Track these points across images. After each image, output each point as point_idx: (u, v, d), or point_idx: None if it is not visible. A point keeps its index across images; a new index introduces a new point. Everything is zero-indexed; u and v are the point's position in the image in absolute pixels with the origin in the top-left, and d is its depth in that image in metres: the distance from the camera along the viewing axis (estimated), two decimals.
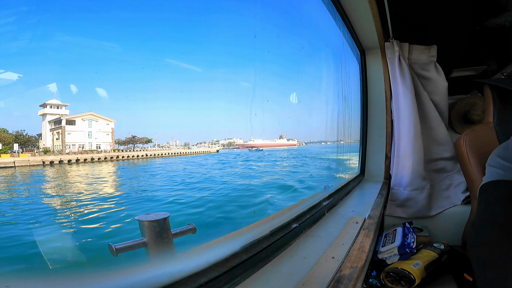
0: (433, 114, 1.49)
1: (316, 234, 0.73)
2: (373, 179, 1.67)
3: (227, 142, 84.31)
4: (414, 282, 0.93)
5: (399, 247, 1.05)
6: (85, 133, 35.12)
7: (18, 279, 0.31)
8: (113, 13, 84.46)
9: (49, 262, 4.12)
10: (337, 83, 1.59)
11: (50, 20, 69.21)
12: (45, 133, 34.59)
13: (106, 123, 37.55)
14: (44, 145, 34.08)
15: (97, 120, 36.70)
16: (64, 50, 69.20)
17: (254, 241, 0.53)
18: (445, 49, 1.50)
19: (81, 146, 34.32)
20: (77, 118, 35.07)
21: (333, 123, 1.61)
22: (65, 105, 36.29)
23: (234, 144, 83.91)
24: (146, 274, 0.35)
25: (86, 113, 36.07)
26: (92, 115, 36.39)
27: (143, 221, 0.46)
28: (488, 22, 1.28)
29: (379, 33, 1.41)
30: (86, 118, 35.72)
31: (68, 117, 34.47)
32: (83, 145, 34.64)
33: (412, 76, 1.47)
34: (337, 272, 0.52)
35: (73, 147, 33.60)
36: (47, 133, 34.53)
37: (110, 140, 37.22)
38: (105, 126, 37.25)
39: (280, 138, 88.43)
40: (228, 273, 0.44)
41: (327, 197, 0.99)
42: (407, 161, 1.41)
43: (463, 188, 1.42)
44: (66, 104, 36.38)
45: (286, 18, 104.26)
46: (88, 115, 36.02)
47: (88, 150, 34.07)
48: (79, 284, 0.32)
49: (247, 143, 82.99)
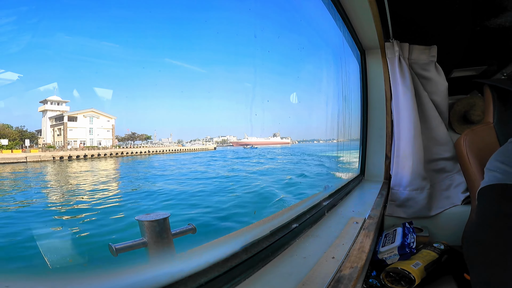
0: (433, 114, 1.49)
1: (316, 234, 0.73)
2: (373, 179, 1.67)
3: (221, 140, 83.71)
4: (414, 282, 0.93)
5: (399, 247, 1.05)
6: (86, 129, 35.16)
7: (18, 279, 0.31)
8: (113, 12, 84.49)
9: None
10: (337, 83, 1.59)
11: (51, 20, 69.20)
12: (45, 129, 34.44)
13: (107, 120, 37.68)
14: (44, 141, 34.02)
15: (98, 116, 36.76)
16: (64, 50, 69.25)
17: (254, 241, 0.53)
18: (445, 49, 1.49)
19: (82, 142, 34.44)
20: (78, 115, 35.08)
21: (333, 122, 1.61)
22: (65, 101, 36.30)
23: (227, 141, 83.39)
24: (146, 274, 0.35)
25: (88, 109, 36.09)
26: (94, 112, 36.44)
27: (143, 221, 0.45)
28: (488, 22, 1.28)
29: (379, 33, 1.41)
30: (88, 115, 35.77)
31: (70, 114, 34.49)
32: (84, 141, 34.73)
33: (412, 76, 1.47)
34: (337, 272, 0.52)
35: (75, 143, 33.74)
36: (47, 129, 34.38)
37: (111, 136, 37.47)
38: (106, 123, 37.46)
39: (274, 136, 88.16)
40: (228, 273, 0.44)
41: (327, 197, 0.99)
42: (407, 161, 1.41)
43: (463, 188, 1.42)
44: (67, 100, 36.49)
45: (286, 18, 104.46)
46: (90, 112, 36.05)
47: (89, 146, 34.40)
48: (79, 284, 0.32)
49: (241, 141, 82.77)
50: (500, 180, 0.70)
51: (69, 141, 33.01)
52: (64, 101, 36.45)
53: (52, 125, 34.51)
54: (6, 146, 28.54)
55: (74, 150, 31.56)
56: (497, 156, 0.78)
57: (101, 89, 70.83)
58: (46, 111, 35.13)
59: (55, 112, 35.17)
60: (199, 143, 71.00)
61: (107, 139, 36.72)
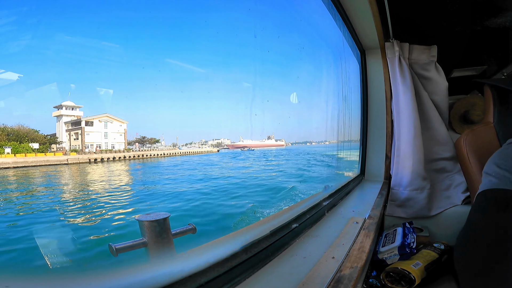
0: (433, 114, 1.49)
1: (316, 234, 0.73)
2: (373, 179, 1.67)
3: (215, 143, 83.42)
4: (414, 282, 0.93)
5: (399, 247, 1.05)
6: (101, 133, 37.18)
7: (18, 279, 0.31)
8: (113, 12, 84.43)
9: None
10: (337, 83, 1.59)
11: (51, 20, 69.11)
12: (61, 133, 36.47)
13: (120, 124, 39.92)
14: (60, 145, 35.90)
15: (111, 121, 38.92)
16: (64, 50, 69.14)
17: (254, 241, 0.53)
18: (446, 49, 1.49)
19: (98, 146, 36.35)
20: (94, 120, 37.11)
21: (333, 122, 1.61)
22: (79, 106, 38.42)
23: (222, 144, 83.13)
24: (146, 274, 0.35)
25: (102, 114, 38.06)
26: (108, 117, 38.52)
27: (143, 221, 0.45)
28: (488, 22, 1.28)
29: (379, 33, 1.41)
30: (103, 120, 37.86)
31: (87, 119, 36.53)
32: (100, 145, 36.68)
33: (412, 76, 1.47)
34: (337, 272, 0.52)
35: (91, 147, 35.61)
36: (63, 133, 36.41)
37: (123, 140, 39.63)
38: (119, 127, 39.67)
39: (268, 139, 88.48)
40: (228, 273, 0.44)
41: (327, 197, 0.99)
42: (407, 161, 1.41)
43: (463, 188, 1.42)
44: (80, 105, 38.61)
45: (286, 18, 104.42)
46: (104, 117, 38.10)
47: (104, 149, 36.31)
48: (79, 284, 0.32)
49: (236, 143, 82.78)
50: (495, 185, 0.70)
51: (87, 145, 35.13)
52: (78, 106, 38.55)
53: (67, 130, 36.57)
54: (37, 150, 31.00)
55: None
56: (494, 159, 0.78)
57: (102, 89, 70.99)
58: (61, 116, 37.13)
59: (70, 117, 37.24)
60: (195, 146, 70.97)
61: (119, 142, 39.00)
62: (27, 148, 30.21)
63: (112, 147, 37.72)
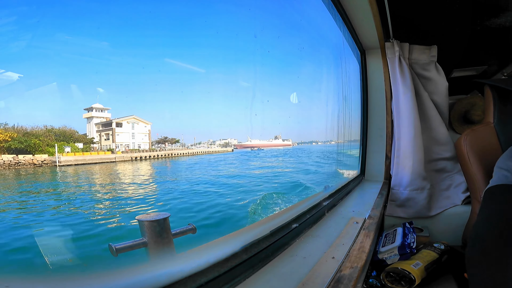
0: (433, 114, 1.48)
1: (316, 234, 0.73)
2: (373, 179, 1.67)
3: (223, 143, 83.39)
4: (414, 282, 0.93)
5: (399, 247, 1.05)
6: (129, 134, 40.53)
7: (18, 279, 0.31)
8: (113, 13, 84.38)
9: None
10: (337, 83, 1.59)
11: (51, 20, 69.04)
12: (91, 134, 39.26)
13: (144, 125, 43.02)
14: (94, 145, 38.53)
15: (138, 122, 42.00)
16: (64, 50, 69.12)
17: (254, 241, 0.53)
18: (446, 49, 1.49)
19: (127, 145, 39.25)
20: (123, 121, 40.17)
21: (333, 123, 1.61)
22: (107, 108, 42.09)
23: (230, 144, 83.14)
24: (146, 274, 0.35)
25: (130, 116, 41.51)
26: (135, 118, 41.67)
27: (143, 221, 0.45)
28: (489, 22, 1.28)
29: (379, 33, 1.41)
30: (130, 121, 41.24)
31: (116, 120, 39.71)
32: (128, 145, 39.60)
33: (413, 76, 1.47)
34: (337, 272, 0.51)
35: (121, 146, 38.43)
36: (93, 134, 39.12)
37: (147, 140, 42.73)
38: (143, 128, 42.71)
39: (276, 139, 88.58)
40: (228, 273, 0.44)
41: (327, 197, 0.99)
42: (407, 161, 1.41)
43: (463, 188, 1.42)
44: (108, 108, 42.15)
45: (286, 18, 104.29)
46: (132, 119, 41.37)
47: (132, 149, 39.13)
48: (79, 284, 0.32)
49: (244, 143, 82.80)
50: (510, 180, 0.70)
51: (117, 145, 38.03)
52: (106, 108, 41.85)
53: (98, 130, 39.44)
54: (82, 149, 33.94)
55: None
56: (510, 154, 0.78)
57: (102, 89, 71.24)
58: (92, 117, 40.09)
59: (100, 118, 40.55)
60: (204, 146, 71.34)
61: (145, 142, 42.31)
62: (75, 148, 33.21)
63: (139, 147, 40.70)
